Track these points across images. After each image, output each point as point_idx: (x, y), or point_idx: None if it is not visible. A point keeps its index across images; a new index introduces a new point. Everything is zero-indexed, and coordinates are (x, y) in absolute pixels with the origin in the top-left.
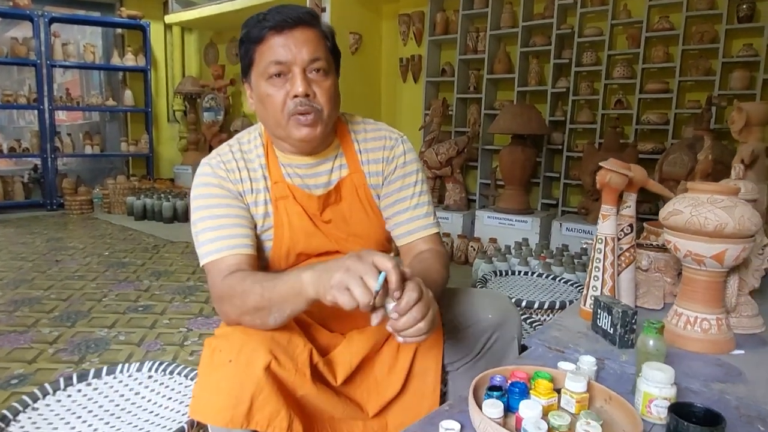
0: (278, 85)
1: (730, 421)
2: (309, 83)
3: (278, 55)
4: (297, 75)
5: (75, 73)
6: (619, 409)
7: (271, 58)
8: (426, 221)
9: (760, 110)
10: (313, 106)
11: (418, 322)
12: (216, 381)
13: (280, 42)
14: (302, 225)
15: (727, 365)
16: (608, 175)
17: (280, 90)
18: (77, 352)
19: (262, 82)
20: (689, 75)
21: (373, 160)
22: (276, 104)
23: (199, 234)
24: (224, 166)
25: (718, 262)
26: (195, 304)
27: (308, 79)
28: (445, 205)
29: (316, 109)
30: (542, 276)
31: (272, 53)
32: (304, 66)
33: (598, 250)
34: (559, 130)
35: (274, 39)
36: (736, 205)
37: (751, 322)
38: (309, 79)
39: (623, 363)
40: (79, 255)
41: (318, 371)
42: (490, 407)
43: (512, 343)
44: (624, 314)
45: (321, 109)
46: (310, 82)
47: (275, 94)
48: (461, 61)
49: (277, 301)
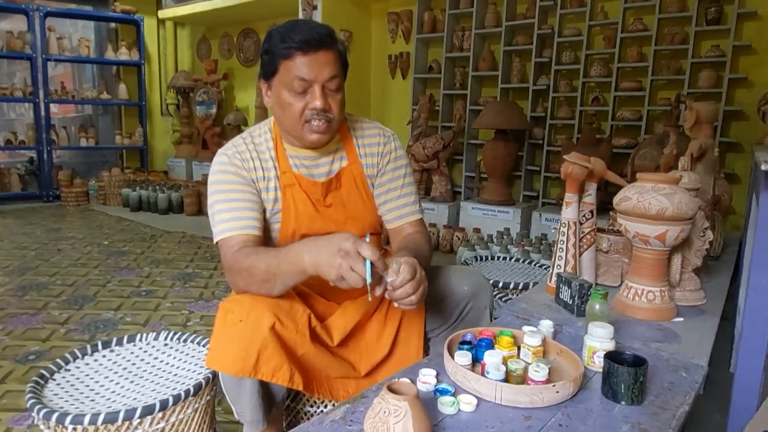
0: (299, 97)
1: (660, 369)
2: (326, 98)
3: (303, 73)
4: (317, 91)
5: (68, 66)
6: (568, 360)
7: (296, 74)
8: (413, 207)
9: (708, 109)
10: (327, 117)
11: (410, 295)
12: (229, 337)
13: (305, 62)
14: (306, 210)
15: (666, 329)
16: (571, 166)
17: (301, 101)
18: (87, 332)
19: (284, 91)
20: (661, 74)
21: (369, 153)
22: (296, 113)
23: (215, 215)
24: (239, 156)
25: (660, 241)
26: (195, 289)
27: (325, 94)
28: (432, 196)
29: (328, 119)
30: (520, 261)
31: (297, 70)
32: (323, 83)
33: (562, 233)
34: (540, 126)
35: (299, 58)
36: (676, 192)
37: (694, 295)
38: (326, 93)
39: (578, 328)
40: (79, 244)
41: (316, 334)
42: (460, 357)
43: (485, 312)
44: (581, 287)
45: (332, 119)
46: (326, 97)
47: (296, 104)
48: (448, 58)
49: (282, 274)
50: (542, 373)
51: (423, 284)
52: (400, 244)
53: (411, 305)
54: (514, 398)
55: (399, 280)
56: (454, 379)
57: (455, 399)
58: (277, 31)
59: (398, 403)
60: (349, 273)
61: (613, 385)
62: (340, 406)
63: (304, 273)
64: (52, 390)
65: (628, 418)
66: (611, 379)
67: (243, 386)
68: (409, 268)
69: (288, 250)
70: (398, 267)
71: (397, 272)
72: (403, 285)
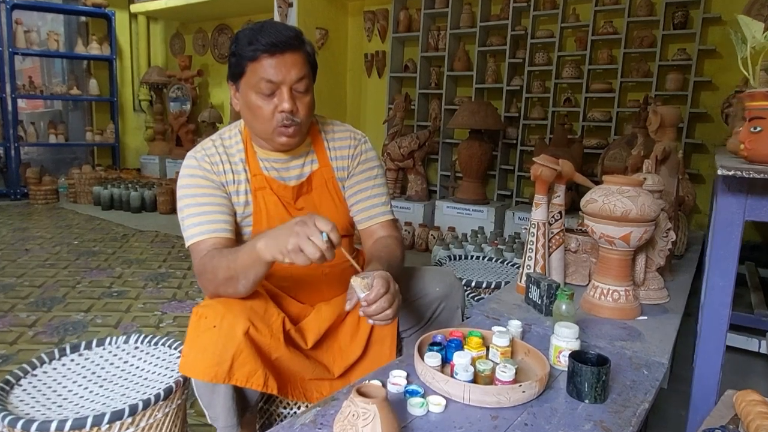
0: (267, 100)
1: (623, 367)
2: (294, 100)
3: (269, 75)
4: (285, 93)
5: (38, 60)
6: (535, 360)
7: (263, 76)
8: (383, 209)
9: (672, 113)
10: (295, 120)
11: (385, 310)
12: (202, 343)
13: (272, 64)
14: (278, 212)
15: (630, 328)
16: (540, 168)
17: (269, 104)
18: (56, 335)
19: (252, 93)
20: (630, 76)
21: (340, 156)
22: (265, 116)
23: (185, 219)
24: (208, 159)
25: (625, 242)
26: (168, 290)
27: (293, 96)
28: (407, 195)
29: (297, 123)
30: (492, 260)
31: (264, 72)
32: (291, 85)
33: (532, 234)
34: (514, 126)
35: (266, 60)
36: (640, 194)
37: (657, 294)
38: (294, 95)
39: (546, 327)
40: (48, 244)
41: (290, 337)
42: (430, 358)
43: (456, 312)
44: (549, 287)
45: (301, 122)
46: (294, 99)
47: (264, 107)
48: (423, 57)
49: (241, 269)
50: (509, 374)
51: (397, 298)
52: (371, 250)
53: (386, 320)
54: (481, 398)
55: (373, 296)
56: (423, 380)
57: (424, 400)
58: (244, 33)
59: (367, 406)
60: (305, 242)
61: (578, 384)
62: (311, 409)
63: (260, 261)
64: (18, 396)
65: (591, 416)
66: (575, 379)
67: (216, 392)
68: (383, 282)
69: (245, 244)
70: (371, 282)
71: (370, 287)
72: (377, 300)
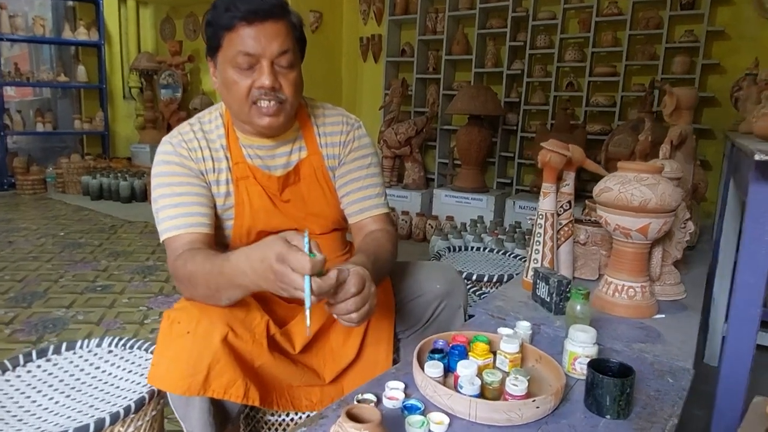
0: (245, 75)
1: (645, 375)
2: (276, 75)
3: (247, 46)
4: (265, 67)
5: (24, 47)
6: (548, 367)
7: (240, 48)
8: (377, 201)
9: (688, 95)
10: (277, 97)
11: (350, 312)
12: (174, 351)
13: (250, 34)
14: (262, 204)
15: (648, 328)
16: (548, 155)
17: (247, 79)
18: (35, 332)
19: (229, 68)
20: (635, 59)
21: (330, 143)
22: (241, 92)
23: (159, 211)
24: (186, 145)
25: (642, 234)
26: (155, 283)
27: (275, 71)
28: (404, 184)
29: (280, 100)
30: (494, 251)
31: (241, 43)
32: (272, 59)
33: (539, 225)
34: (514, 111)
35: (244, 30)
36: (659, 182)
37: (674, 289)
38: (276, 71)
39: (557, 328)
40: (32, 236)
41: (275, 342)
42: (431, 368)
43: (458, 312)
44: (559, 284)
45: (285, 100)
46: (276, 74)
47: (241, 82)
48: (421, 41)
49: (224, 290)
50: (521, 387)
51: (369, 302)
52: (359, 244)
53: (351, 323)
54: (490, 416)
55: (341, 295)
56: (423, 392)
57: (425, 419)
58: (222, 1)
59: None
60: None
61: (598, 398)
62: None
63: (243, 289)
64: None
65: None
66: (595, 391)
67: (191, 404)
68: (355, 280)
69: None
70: (345, 275)
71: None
72: (345, 299)
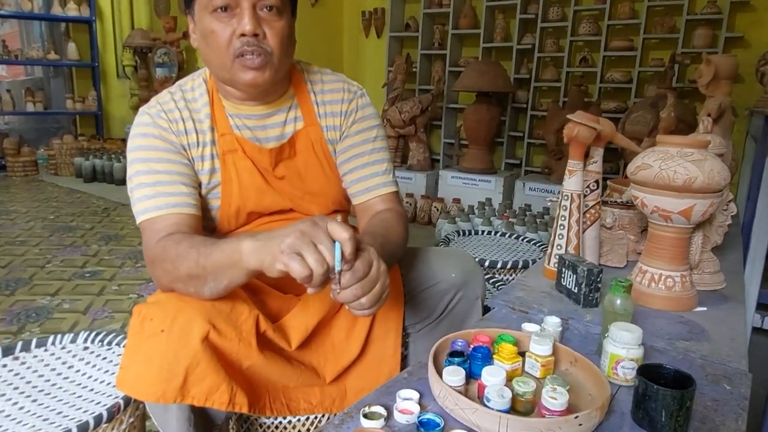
0: (224, 21)
1: (697, 381)
2: (259, 21)
3: None
4: (245, 10)
5: (13, 24)
6: (585, 372)
7: None
8: (384, 178)
9: (728, 63)
10: (262, 47)
11: (358, 298)
12: (146, 352)
13: None
14: (253, 181)
15: (691, 323)
16: (576, 128)
17: (226, 27)
18: (16, 322)
19: (206, 15)
20: (654, 32)
21: (330, 113)
22: (221, 43)
23: (134, 190)
24: (166, 116)
25: (685, 217)
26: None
27: (258, 16)
28: (409, 165)
29: (265, 51)
30: (505, 235)
31: None
32: (253, 1)
33: (564, 207)
34: (524, 88)
35: None
36: (706, 158)
37: (713, 278)
38: (259, 16)
39: (587, 323)
40: (21, 219)
41: (267, 339)
42: (450, 375)
43: (476, 303)
44: (589, 273)
45: (271, 52)
46: (260, 21)
47: (220, 31)
48: (426, 15)
49: (212, 270)
50: (561, 401)
51: (381, 282)
52: (366, 226)
53: (362, 311)
54: None
55: (347, 278)
56: (442, 404)
57: None
58: None
59: None
60: (308, 247)
61: (651, 412)
62: None
63: (240, 266)
64: None
65: None
66: (648, 404)
67: (170, 411)
68: (363, 263)
69: (228, 238)
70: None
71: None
72: (351, 284)
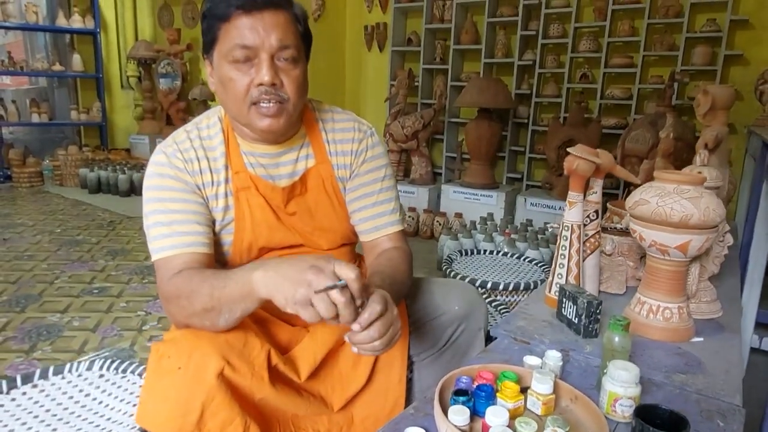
0: (243, 71)
1: (692, 416)
2: (276, 71)
3: (245, 38)
4: (264, 62)
5: (18, 35)
6: (585, 410)
7: (237, 41)
8: (392, 218)
9: (725, 94)
10: (279, 95)
11: (374, 340)
12: (164, 389)
13: (247, 24)
14: (265, 218)
15: (687, 354)
16: (576, 161)
17: (245, 76)
18: (28, 340)
19: (225, 64)
20: (653, 49)
21: (341, 151)
22: (239, 91)
23: (150, 228)
24: (181, 155)
25: (682, 252)
26: (154, 285)
27: (276, 66)
28: (411, 179)
29: (282, 99)
30: (507, 255)
31: (238, 35)
32: (272, 53)
33: (564, 238)
34: (525, 104)
35: (241, 20)
36: (702, 195)
37: (710, 307)
38: (276, 66)
39: (587, 355)
40: (28, 232)
41: (278, 371)
42: (455, 414)
43: (478, 335)
44: (589, 305)
45: (287, 99)
46: (277, 70)
47: (238, 79)
48: (428, 30)
49: (227, 301)
50: None
51: (394, 326)
52: (373, 264)
53: (374, 352)
54: None
55: (366, 317)
56: None
57: None
58: None
59: None
60: (319, 296)
61: None
62: None
63: (252, 296)
64: None
65: None
66: None
67: None
68: (379, 302)
69: (239, 269)
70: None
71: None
72: (369, 324)
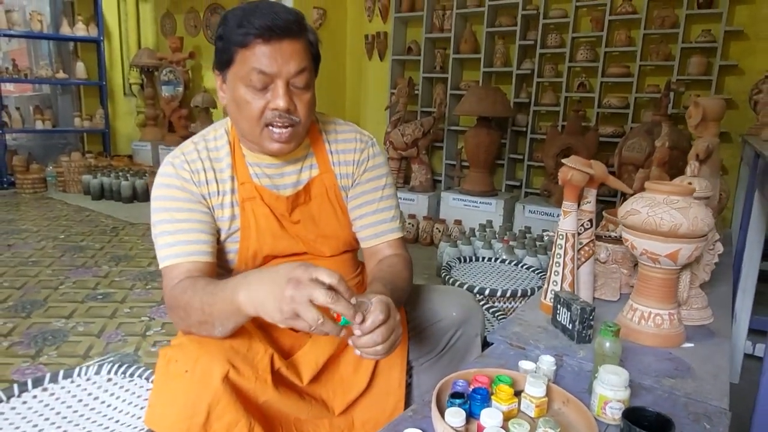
0: (258, 95)
1: (678, 418)
2: (291, 97)
3: (263, 65)
4: (280, 88)
5: (22, 42)
6: (577, 413)
7: (255, 66)
8: (392, 225)
9: (716, 106)
10: (291, 119)
11: (377, 344)
12: (171, 392)
13: (266, 52)
14: (269, 227)
15: (677, 359)
16: (570, 172)
17: (260, 99)
18: (34, 345)
19: (241, 86)
20: (649, 59)
21: (344, 161)
22: (253, 113)
23: (157, 237)
24: (189, 166)
25: (672, 260)
26: (157, 291)
27: (290, 92)
28: (411, 186)
29: (293, 122)
30: (505, 262)
31: (256, 62)
32: (288, 78)
33: (559, 246)
34: (524, 112)
35: (259, 48)
36: (691, 205)
37: (701, 314)
38: (291, 92)
39: (581, 360)
40: (33, 239)
41: (281, 375)
42: (452, 416)
43: (475, 340)
44: (582, 311)
45: (299, 122)
46: (291, 95)
47: (254, 102)
48: (427, 39)
49: (218, 316)
50: None
51: (396, 331)
52: (374, 271)
53: (376, 355)
54: None
55: (369, 323)
56: None
57: None
58: (233, 14)
59: None
60: (305, 307)
61: None
62: None
63: (240, 313)
64: None
65: None
66: None
67: None
68: (381, 309)
69: (225, 285)
70: (367, 306)
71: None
72: (373, 330)
